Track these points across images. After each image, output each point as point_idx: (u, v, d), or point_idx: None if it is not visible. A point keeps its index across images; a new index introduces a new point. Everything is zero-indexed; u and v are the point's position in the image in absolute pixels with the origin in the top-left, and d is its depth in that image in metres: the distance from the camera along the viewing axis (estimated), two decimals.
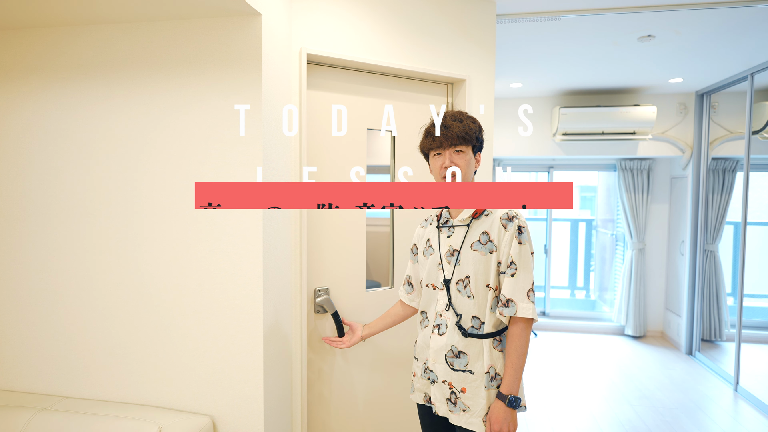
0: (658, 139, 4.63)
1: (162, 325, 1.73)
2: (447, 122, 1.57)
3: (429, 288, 1.67)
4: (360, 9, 2.05)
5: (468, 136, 1.57)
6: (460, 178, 1.58)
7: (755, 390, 3.62)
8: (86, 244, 1.76)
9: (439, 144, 1.57)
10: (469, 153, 1.60)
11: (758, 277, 4.58)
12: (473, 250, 1.56)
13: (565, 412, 3.42)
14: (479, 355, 1.54)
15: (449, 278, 1.59)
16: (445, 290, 1.60)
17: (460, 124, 1.56)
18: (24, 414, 1.61)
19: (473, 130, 1.58)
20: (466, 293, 1.55)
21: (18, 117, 1.79)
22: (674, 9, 2.56)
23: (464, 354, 1.55)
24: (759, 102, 3.75)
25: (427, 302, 1.68)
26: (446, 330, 1.58)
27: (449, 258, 1.60)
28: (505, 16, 2.65)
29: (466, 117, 1.60)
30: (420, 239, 1.77)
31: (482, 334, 1.54)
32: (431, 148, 1.61)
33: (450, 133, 1.55)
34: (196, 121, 1.67)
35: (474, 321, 1.55)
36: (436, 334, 1.61)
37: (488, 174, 2.44)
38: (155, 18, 1.65)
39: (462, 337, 1.55)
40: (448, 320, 1.58)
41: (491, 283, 1.54)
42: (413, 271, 1.81)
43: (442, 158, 1.59)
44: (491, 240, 1.54)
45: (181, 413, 1.68)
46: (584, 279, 6.16)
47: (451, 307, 1.58)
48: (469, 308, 1.55)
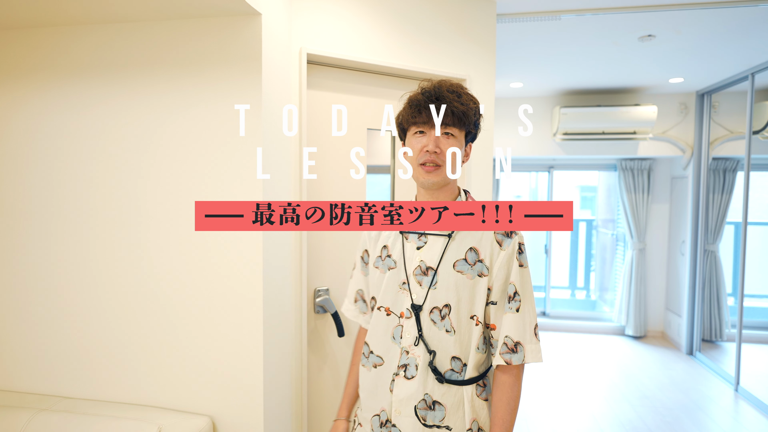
0: (658, 139, 4.63)
1: (162, 325, 1.72)
2: (442, 93, 1.19)
3: (382, 313, 1.27)
4: (360, 9, 2.05)
5: (465, 117, 1.20)
6: (445, 170, 1.21)
7: (756, 390, 3.62)
8: (88, 244, 1.76)
9: (426, 119, 1.18)
10: (461, 139, 1.22)
11: (759, 278, 4.59)
12: (456, 271, 1.20)
13: (565, 412, 3.42)
14: (459, 406, 1.20)
15: (420, 304, 1.21)
16: (413, 318, 1.21)
17: (458, 99, 1.19)
18: (23, 414, 1.61)
19: (472, 111, 1.22)
20: (444, 326, 1.20)
21: (21, 117, 1.78)
22: (675, 9, 2.56)
23: (440, 405, 1.20)
24: (759, 102, 3.75)
25: (381, 332, 1.27)
26: (416, 372, 1.20)
27: (420, 277, 1.22)
28: (505, 16, 2.64)
29: (466, 93, 1.23)
30: (372, 244, 1.34)
31: (464, 380, 1.21)
32: (414, 123, 1.21)
33: (443, 108, 1.18)
34: (197, 122, 1.67)
35: (454, 363, 1.20)
36: (401, 377, 1.21)
37: (488, 174, 2.43)
38: (155, 18, 1.65)
39: (437, 384, 1.20)
40: (419, 359, 1.20)
41: (478, 315, 1.20)
42: (366, 285, 1.39)
43: (425, 138, 1.20)
44: (481, 260, 1.20)
45: (181, 413, 1.68)
46: (584, 279, 6.16)
47: (421, 342, 1.20)
48: (448, 346, 1.20)
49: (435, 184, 1.22)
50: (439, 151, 1.19)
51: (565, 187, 6.36)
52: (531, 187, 6.59)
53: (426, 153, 1.19)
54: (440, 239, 1.23)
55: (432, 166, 1.19)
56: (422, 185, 1.24)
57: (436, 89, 1.20)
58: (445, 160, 1.20)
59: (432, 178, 1.21)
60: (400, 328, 1.24)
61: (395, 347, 1.24)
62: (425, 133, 1.20)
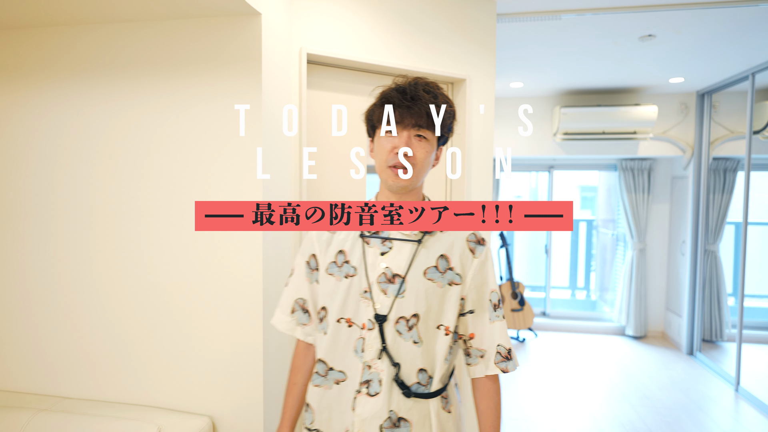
0: (658, 138, 4.62)
1: (162, 325, 1.72)
2: (417, 92, 1.11)
3: (342, 324, 1.16)
4: (360, 8, 2.05)
5: (440, 119, 1.14)
6: (416, 174, 1.14)
7: (756, 390, 3.61)
8: (88, 244, 1.76)
9: (399, 118, 1.11)
10: (433, 143, 1.15)
11: (759, 278, 4.58)
12: (428, 279, 1.14)
13: (565, 412, 3.42)
14: (425, 421, 1.14)
15: (385, 314, 1.13)
16: (376, 330, 1.13)
17: (434, 101, 1.12)
18: (23, 414, 1.60)
19: (448, 113, 1.15)
20: (412, 337, 1.13)
21: (22, 117, 1.78)
22: (675, 8, 2.56)
23: (405, 421, 1.12)
24: (760, 102, 3.75)
25: (341, 345, 1.17)
26: (380, 388, 1.12)
27: (385, 285, 1.14)
28: (505, 16, 2.64)
29: (442, 94, 1.16)
30: (323, 248, 1.22)
31: (430, 392, 1.15)
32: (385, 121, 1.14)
33: (417, 108, 1.10)
34: (197, 122, 1.67)
35: (421, 375, 1.14)
36: (364, 394, 1.12)
37: (488, 174, 2.43)
38: (154, 18, 1.65)
39: (404, 398, 1.12)
40: (382, 374, 1.12)
41: (448, 325, 1.15)
42: (311, 294, 1.25)
43: (396, 139, 1.12)
44: (451, 267, 1.15)
45: (180, 414, 1.68)
46: (585, 279, 6.15)
47: (385, 355, 1.12)
48: (414, 357, 1.13)
49: (403, 188, 1.15)
50: (411, 155, 1.12)
51: (565, 187, 6.35)
52: (531, 187, 6.59)
53: (396, 155, 1.12)
54: (408, 245, 1.16)
55: (402, 169, 1.12)
56: (390, 188, 1.16)
57: (411, 88, 1.12)
58: (417, 164, 1.13)
59: (400, 182, 1.13)
60: (362, 340, 1.14)
61: (357, 361, 1.14)
62: (397, 134, 1.13)
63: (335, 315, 1.17)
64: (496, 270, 5.41)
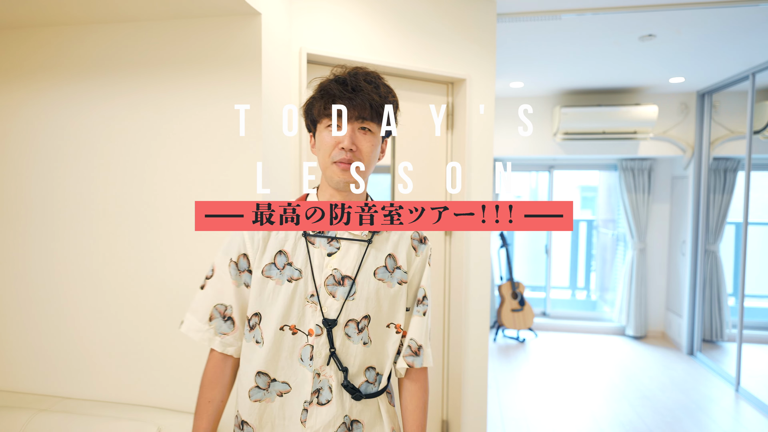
0: (659, 138, 4.62)
1: (162, 326, 1.72)
2: (358, 83, 1.06)
3: (286, 332, 1.09)
4: (360, 8, 2.05)
5: (383, 110, 1.08)
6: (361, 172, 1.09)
7: (756, 391, 3.61)
8: (87, 244, 1.76)
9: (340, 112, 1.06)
10: (377, 135, 1.10)
11: (759, 278, 4.58)
12: (378, 279, 1.11)
13: (565, 412, 3.42)
14: (376, 419, 1.13)
15: (334, 318, 1.08)
16: (324, 335, 1.07)
17: (376, 91, 1.07)
18: (23, 415, 1.60)
19: (391, 103, 1.10)
20: (362, 338, 1.10)
21: (23, 116, 1.78)
22: (675, 8, 2.56)
23: (358, 423, 1.10)
24: (760, 102, 3.75)
25: (285, 355, 1.09)
26: (331, 395, 1.07)
27: (334, 288, 1.09)
28: (505, 16, 2.64)
29: (384, 84, 1.11)
30: (258, 248, 1.12)
31: (378, 391, 1.12)
32: (326, 115, 1.07)
33: (360, 100, 1.05)
34: (197, 122, 1.67)
35: (369, 373, 1.12)
36: (315, 404, 1.07)
37: (489, 174, 2.43)
38: (155, 18, 1.65)
39: (354, 402, 1.09)
40: (332, 380, 1.08)
41: (398, 322, 1.14)
42: (237, 299, 1.13)
43: (339, 133, 1.07)
44: (399, 266, 1.14)
45: (180, 414, 1.67)
46: (585, 279, 6.15)
47: (333, 360, 1.08)
48: (363, 358, 1.10)
49: (348, 185, 1.09)
50: (355, 149, 1.06)
51: (565, 187, 6.35)
52: (531, 187, 6.59)
53: (341, 150, 1.06)
54: (356, 244, 1.11)
55: (347, 164, 1.06)
56: (336, 185, 1.10)
57: (352, 78, 1.06)
58: (363, 158, 1.07)
59: (347, 177, 1.07)
60: (309, 348, 1.07)
61: (304, 371, 1.07)
62: (339, 128, 1.07)
63: (277, 322, 1.08)
64: (496, 270, 5.40)
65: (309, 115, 1.13)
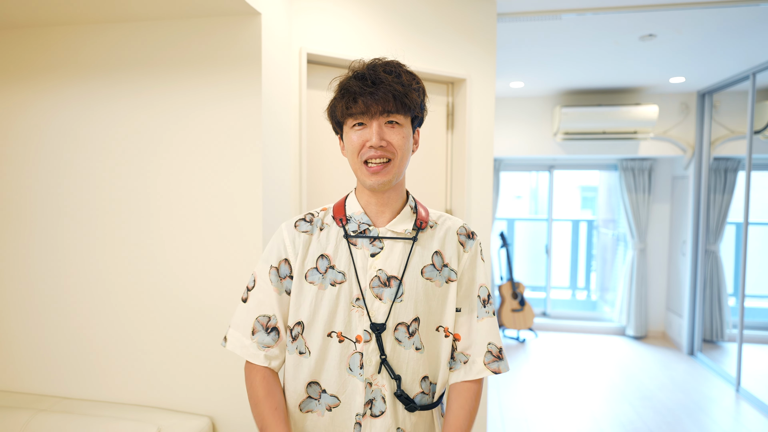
0: (659, 138, 4.62)
1: (162, 326, 1.72)
2: (378, 75, 0.98)
3: (333, 340, 1.02)
4: (360, 8, 2.05)
5: (409, 99, 0.99)
6: (394, 167, 1.01)
7: (757, 391, 3.61)
8: (89, 245, 1.76)
9: (364, 108, 0.97)
10: (407, 127, 1.02)
11: (760, 278, 4.57)
12: (426, 279, 1.04)
13: (565, 412, 3.41)
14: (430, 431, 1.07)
15: (383, 322, 1.01)
16: (373, 341, 1.01)
17: (398, 80, 0.99)
18: (22, 415, 1.60)
19: (416, 91, 1.01)
20: (413, 343, 1.02)
21: (27, 116, 1.78)
22: (675, 8, 2.56)
23: None
24: (761, 101, 3.74)
25: (334, 364, 1.02)
26: (385, 406, 1.00)
27: (380, 290, 1.02)
28: (505, 15, 2.64)
29: (406, 71, 1.03)
30: (300, 252, 1.06)
31: (434, 402, 1.05)
32: (350, 114, 1.00)
33: (383, 93, 0.97)
34: (198, 121, 1.67)
35: (424, 384, 1.04)
36: (368, 416, 1.00)
37: (488, 174, 2.43)
38: (155, 18, 1.65)
39: (407, 413, 1.02)
40: (384, 389, 1.01)
41: (447, 324, 1.06)
42: (279, 308, 1.06)
43: (366, 131, 0.99)
44: (446, 264, 1.06)
45: (180, 414, 1.67)
46: (585, 279, 6.15)
47: (384, 368, 1.00)
48: (417, 366, 1.02)
49: (384, 185, 1.01)
50: (385, 144, 0.98)
51: (565, 187, 6.35)
52: (531, 187, 6.59)
53: (370, 149, 0.99)
54: (400, 243, 1.04)
55: (379, 164, 0.99)
56: (369, 188, 1.02)
57: (370, 71, 0.99)
58: (396, 153, 1.00)
59: (380, 178, 1.00)
60: (359, 355, 1.00)
61: (354, 380, 1.01)
62: (365, 125, 0.99)
63: (323, 329, 1.01)
64: (496, 270, 5.40)
65: (333, 117, 1.06)
